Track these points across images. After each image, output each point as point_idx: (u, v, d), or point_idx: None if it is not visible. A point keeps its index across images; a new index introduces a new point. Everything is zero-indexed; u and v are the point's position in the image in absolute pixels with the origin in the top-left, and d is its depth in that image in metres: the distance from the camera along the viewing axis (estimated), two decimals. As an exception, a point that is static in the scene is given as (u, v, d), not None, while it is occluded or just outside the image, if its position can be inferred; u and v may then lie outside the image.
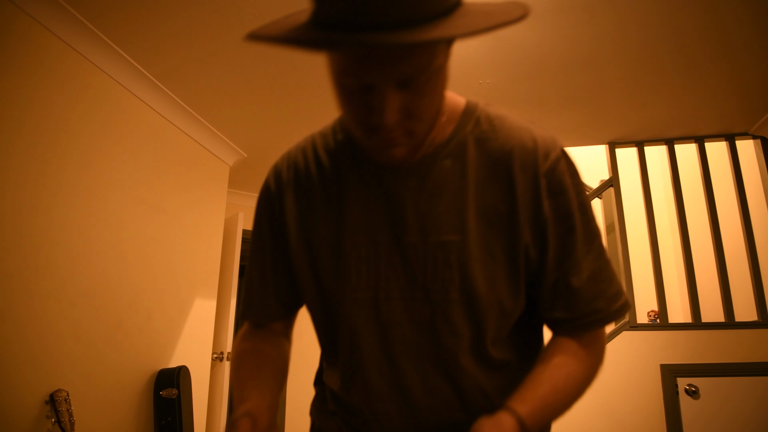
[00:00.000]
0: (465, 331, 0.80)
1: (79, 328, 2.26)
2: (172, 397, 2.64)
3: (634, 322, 3.31)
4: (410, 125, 0.71)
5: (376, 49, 0.62)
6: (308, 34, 0.62)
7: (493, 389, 0.84)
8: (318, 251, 0.85)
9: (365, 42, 0.58)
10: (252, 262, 0.93)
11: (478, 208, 0.79)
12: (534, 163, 0.79)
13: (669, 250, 4.61)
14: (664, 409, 3.14)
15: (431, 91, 0.70)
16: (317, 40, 0.62)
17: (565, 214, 0.80)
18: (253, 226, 0.94)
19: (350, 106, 0.71)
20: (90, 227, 2.34)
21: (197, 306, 3.11)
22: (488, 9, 0.65)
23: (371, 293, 0.81)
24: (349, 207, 0.82)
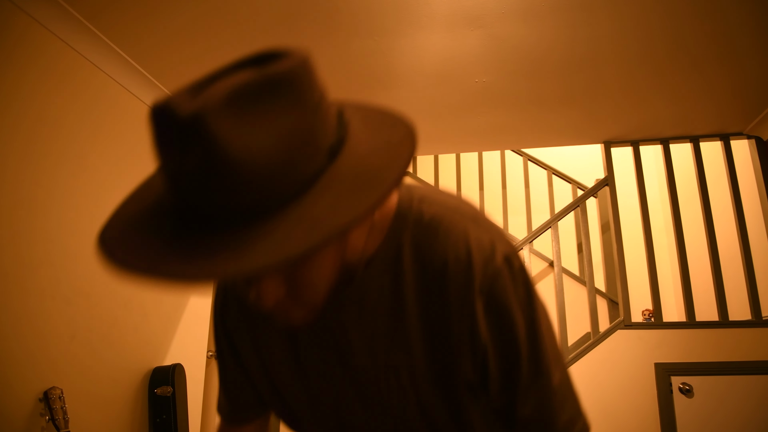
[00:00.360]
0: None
1: (74, 326, 2.25)
2: (167, 394, 2.64)
3: (629, 321, 3.33)
4: (299, 297, 0.62)
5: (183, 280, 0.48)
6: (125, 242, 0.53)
7: None
8: (275, 370, 0.81)
9: (164, 273, 0.48)
10: (217, 363, 0.91)
11: (421, 325, 0.70)
12: (469, 280, 0.67)
13: (664, 250, 4.63)
14: (658, 407, 3.16)
15: (318, 264, 0.60)
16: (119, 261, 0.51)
17: (507, 340, 0.69)
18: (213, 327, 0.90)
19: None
20: (86, 225, 2.33)
21: (192, 304, 3.10)
22: (365, 167, 0.53)
23: (334, 411, 0.78)
24: (300, 334, 0.77)
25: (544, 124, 3.41)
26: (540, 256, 4.32)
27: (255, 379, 0.84)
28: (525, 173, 4.65)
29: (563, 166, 4.85)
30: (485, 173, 4.93)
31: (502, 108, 3.16)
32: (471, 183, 4.95)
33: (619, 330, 3.32)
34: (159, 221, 0.54)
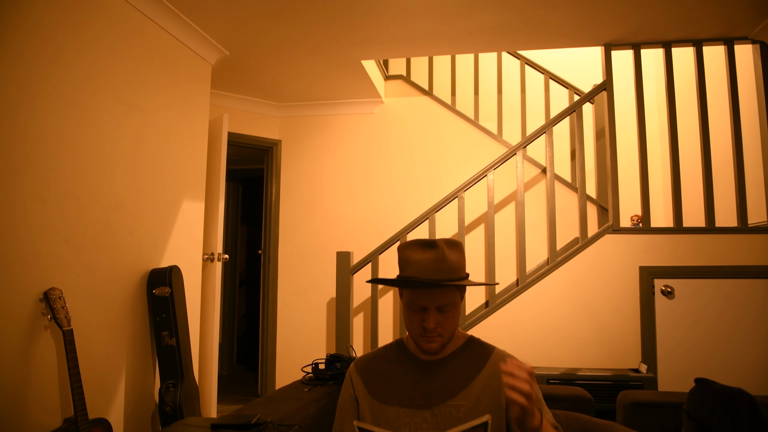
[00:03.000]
0: None
1: (67, 229, 2.26)
2: (165, 295, 2.71)
3: (617, 226, 3.39)
4: (440, 331, 1.37)
5: (430, 288, 1.34)
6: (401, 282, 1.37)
7: None
8: (379, 411, 1.41)
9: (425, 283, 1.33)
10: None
11: (475, 386, 1.39)
12: (498, 365, 1.37)
13: (657, 158, 4.63)
14: (640, 308, 3.30)
15: (452, 316, 1.38)
16: (407, 282, 1.36)
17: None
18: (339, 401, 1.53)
19: (412, 320, 1.38)
20: (70, 128, 2.27)
21: (185, 208, 3.11)
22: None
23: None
24: (401, 384, 1.43)
25: (543, 24, 3.26)
26: (533, 162, 4.31)
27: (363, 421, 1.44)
28: (522, 77, 4.53)
29: (561, 71, 4.72)
30: (481, 77, 4.80)
31: (500, 5, 3.01)
32: (466, 86, 4.83)
33: (607, 234, 3.39)
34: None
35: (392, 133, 4.62)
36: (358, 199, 4.61)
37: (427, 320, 1.34)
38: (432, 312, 1.34)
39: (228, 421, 1.41)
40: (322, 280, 4.50)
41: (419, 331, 1.37)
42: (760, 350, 3.16)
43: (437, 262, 1.34)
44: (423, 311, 1.35)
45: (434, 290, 1.33)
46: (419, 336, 1.38)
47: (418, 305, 1.34)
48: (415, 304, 1.35)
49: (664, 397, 1.90)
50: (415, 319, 1.37)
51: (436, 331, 1.35)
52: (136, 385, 2.68)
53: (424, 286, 1.33)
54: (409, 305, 1.37)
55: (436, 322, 1.34)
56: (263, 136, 4.68)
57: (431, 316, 1.34)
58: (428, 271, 1.33)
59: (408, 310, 1.38)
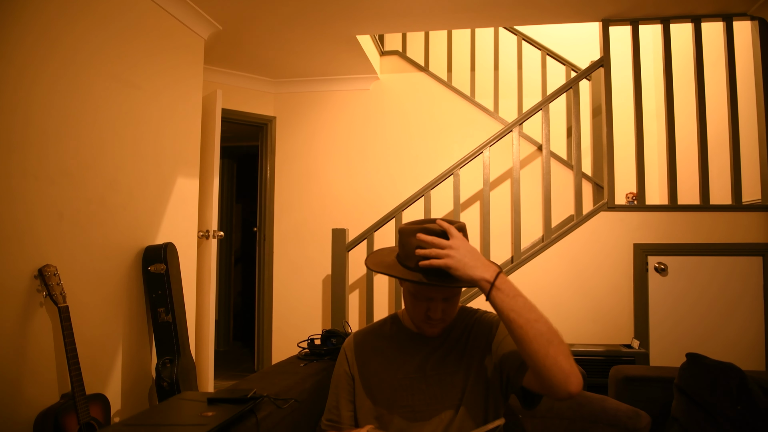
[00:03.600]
0: (466, 427, 1.34)
1: (61, 206, 2.25)
2: (161, 272, 2.71)
3: (612, 203, 3.39)
4: (444, 318, 1.36)
5: (439, 287, 1.30)
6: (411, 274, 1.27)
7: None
8: (375, 385, 1.43)
9: (436, 284, 1.26)
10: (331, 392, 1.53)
11: (467, 350, 1.40)
12: (489, 322, 1.44)
13: (653, 136, 4.62)
14: (633, 285, 3.33)
15: (455, 303, 1.37)
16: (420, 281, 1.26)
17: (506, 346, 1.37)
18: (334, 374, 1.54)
19: (417, 308, 1.36)
20: (61, 104, 2.24)
21: (179, 185, 3.09)
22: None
23: (409, 408, 1.38)
24: (396, 358, 1.44)
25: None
26: (529, 139, 4.30)
27: (359, 396, 1.45)
28: (519, 53, 4.49)
29: (558, 47, 4.67)
30: (477, 53, 4.75)
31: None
32: (463, 63, 4.78)
33: (602, 212, 3.40)
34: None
35: (388, 109, 4.59)
36: (353, 176, 4.59)
37: (434, 311, 1.32)
38: (438, 302, 1.32)
39: (224, 395, 1.42)
40: (318, 257, 4.51)
41: (423, 318, 1.35)
42: (752, 327, 3.20)
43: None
44: (429, 300, 1.33)
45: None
46: (423, 322, 1.37)
47: (424, 296, 1.32)
48: (421, 294, 1.32)
49: (656, 372, 1.93)
50: (419, 306, 1.34)
51: (440, 319, 1.35)
52: (133, 361, 2.69)
53: (435, 286, 1.28)
54: (415, 295, 1.34)
55: (441, 311, 1.33)
56: (258, 112, 4.63)
57: (438, 307, 1.32)
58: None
59: (412, 297, 1.35)
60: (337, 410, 1.47)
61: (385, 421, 1.39)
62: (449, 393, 1.38)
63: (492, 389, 1.39)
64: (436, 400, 1.38)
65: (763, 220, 3.21)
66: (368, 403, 1.43)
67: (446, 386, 1.38)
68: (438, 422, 1.37)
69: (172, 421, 1.31)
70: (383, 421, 1.40)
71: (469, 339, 1.43)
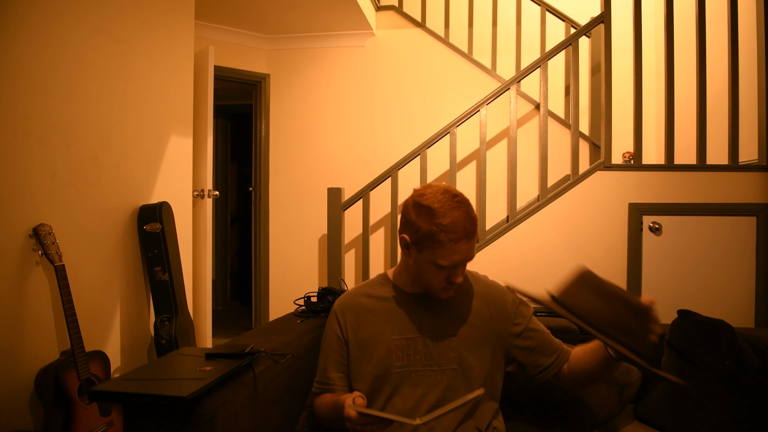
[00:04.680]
0: (462, 389, 1.38)
1: (53, 165, 2.22)
2: (156, 231, 2.71)
3: (609, 163, 3.38)
4: (459, 282, 1.38)
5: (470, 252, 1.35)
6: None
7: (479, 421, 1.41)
8: (370, 347, 1.44)
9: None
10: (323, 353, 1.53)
11: (468, 317, 1.45)
12: (503, 307, 1.49)
13: (652, 95, 4.57)
14: (627, 244, 3.35)
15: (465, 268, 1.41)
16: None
17: (522, 320, 1.51)
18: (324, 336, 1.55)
19: (437, 276, 1.36)
20: (49, 59, 2.19)
21: (173, 143, 3.05)
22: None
23: (406, 368, 1.40)
24: (391, 319, 1.45)
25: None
26: (526, 98, 4.25)
27: (354, 357, 1.46)
28: (517, 9, 4.39)
29: (558, 3, 4.56)
30: (475, 8, 4.64)
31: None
32: (460, 18, 4.67)
33: (598, 171, 3.39)
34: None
35: (384, 67, 4.51)
36: (349, 135, 4.55)
37: (457, 276, 1.35)
38: (460, 267, 1.35)
39: (222, 350, 1.44)
40: (314, 216, 4.51)
41: (444, 284, 1.37)
42: (743, 286, 3.24)
43: (469, 215, 1.33)
44: (453, 267, 1.34)
45: (467, 246, 1.32)
46: (441, 289, 1.38)
47: (453, 263, 1.32)
48: (450, 261, 1.31)
49: (647, 329, 1.96)
50: (440, 274, 1.35)
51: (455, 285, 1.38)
52: (131, 319, 2.72)
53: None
54: (442, 264, 1.32)
55: (462, 275, 1.37)
56: (251, 69, 4.55)
57: (460, 271, 1.36)
58: (469, 228, 1.31)
59: (434, 267, 1.34)
60: (326, 372, 1.49)
61: (381, 382, 1.41)
62: (446, 356, 1.40)
63: (493, 358, 1.43)
64: (432, 362, 1.40)
65: (759, 180, 3.21)
66: (364, 365, 1.44)
67: (443, 349, 1.40)
68: (433, 383, 1.39)
69: (171, 375, 1.33)
70: (379, 382, 1.41)
71: (473, 305, 1.46)
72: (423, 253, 1.35)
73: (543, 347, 1.47)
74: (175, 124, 3.08)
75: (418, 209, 1.34)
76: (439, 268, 1.33)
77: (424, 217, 1.32)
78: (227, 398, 1.26)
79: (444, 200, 1.31)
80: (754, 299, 3.22)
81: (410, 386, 1.39)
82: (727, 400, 1.61)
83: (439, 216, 1.30)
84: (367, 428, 1.18)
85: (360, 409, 1.18)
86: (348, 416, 1.19)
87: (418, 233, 1.33)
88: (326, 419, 1.45)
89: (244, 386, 1.34)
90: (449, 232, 1.29)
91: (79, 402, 2.08)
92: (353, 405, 1.20)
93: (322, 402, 1.46)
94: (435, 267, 1.34)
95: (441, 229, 1.29)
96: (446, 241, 1.29)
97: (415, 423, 1.09)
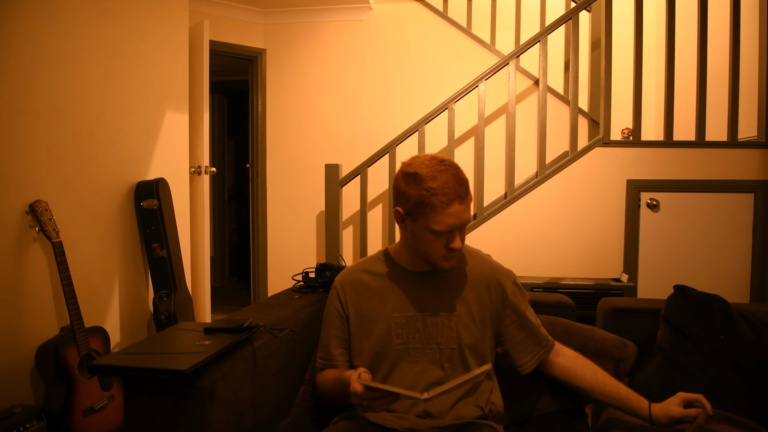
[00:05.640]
0: (460, 368, 1.41)
1: (48, 140, 2.20)
2: (153, 207, 2.70)
3: (607, 139, 3.37)
4: (458, 251, 1.36)
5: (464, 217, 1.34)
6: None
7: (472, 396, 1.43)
8: (370, 323, 1.45)
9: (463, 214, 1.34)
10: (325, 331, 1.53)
11: (467, 296, 1.44)
12: (503, 290, 1.47)
13: (652, 71, 4.52)
14: (625, 220, 3.35)
15: (464, 232, 1.37)
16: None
17: (522, 303, 1.49)
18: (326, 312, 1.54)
19: (435, 244, 1.34)
20: (41, 33, 2.15)
21: (169, 119, 3.03)
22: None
23: (404, 345, 1.41)
24: (391, 296, 1.45)
25: None
26: (525, 73, 4.20)
27: (354, 333, 1.47)
28: (517, -18, 4.32)
29: (559, -25, 4.48)
30: (475, -18, 4.56)
31: None
32: (459, -7, 4.60)
33: (597, 147, 3.38)
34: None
35: (381, 41, 4.45)
36: (346, 111, 4.51)
37: (455, 241, 1.32)
38: (458, 232, 1.33)
39: (221, 324, 1.44)
40: (312, 193, 4.50)
41: (443, 252, 1.34)
42: (740, 262, 3.26)
43: (458, 176, 1.32)
44: (450, 233, 1.32)
45: (461, 209, 1.30)
46: (441, 257, 1.36)
47: (449, 227, 1.30)
48: (445, 225, 1.29)
49: (643, 303, 1.97)
50: (438, 241, 1.33)
51: (460, 249, 1.35)
52: (130, 295, 2.73)
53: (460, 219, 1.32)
54: (437, 229, 1.30)
55: (461, 240, 1.34)
56: (247, 44, 4.49)
57: (458, 236, 1.33)
58: (459, 189, 1.29)
59: (430, 234, 1.32)
60: (328, 348, 1.49)
61: (381, 358, 1.41)
62: (445, 334, 1.40)
63: (486, 338, 1.43)
64: (431, 340, 1.40)
65: (757, 156, 3.21)
66: (364, 341, 1.44)
67: (442, 328, 1.40)
68: (432, 361, 1.40)
69: (170, 349, 1.34)
70: (378, 358, 1.42)
71: (474, 285, 1.45)
72: (418, 222, 1.33)
73: (530, 340, 1.46)
74: (170, 99, 3.05)
75: (407, 177, 1.32)
76: (436, 234, 1.31)
77: (413, 184, 1.31)
78: (226, 372, 1.27)
79: (431, 165, 1.31)
80: (750, 275, 3.24)
81: (409, 363, 1.40)
82: (722, 374, 1.62)
83: (427, 180, 1.29)
84: (373, 403, 1.18)
85: (367, 383, 1.17)
86: (354, 391, 1.19)
87: (409, 202, 1.32)
88: (329, 394, 1.46)
89: (243, 360, 1.35)
90: (439, 194, 1.27)
91: (80, 377, 2.09)
92: (359, 379, 1.20)
93: (325, 377, 1.47)
94: (431, 234, 1.32)
95: (431, 193, 1.28)
96: (437, 204, 1.28)
97: (422, 398, 1.08)
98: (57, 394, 2.04)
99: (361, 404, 1.19)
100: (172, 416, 1.20)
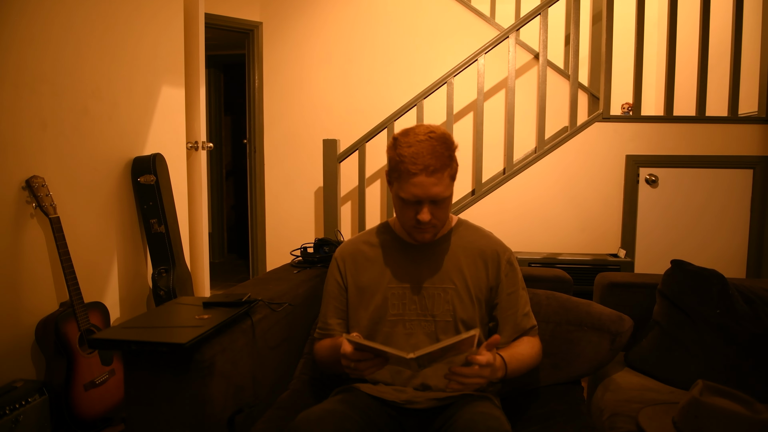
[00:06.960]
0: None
1: (43, 115, 2.18)
2: (151, 183, 2.69)
3: (607, 114, 3.35)
4: (434, 222, 1.35)
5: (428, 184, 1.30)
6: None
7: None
8: (368, 294, 1.45)
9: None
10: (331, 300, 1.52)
11: (464, 270, 1.43)
12: (499, 265, 1.45)
13: (653, 46, 4.47)
14: (623, 196, 3.35)
15: (445, 207, 1.36)
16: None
17: (511, 284, 1.47)
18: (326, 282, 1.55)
19: (405, 212, 1.35)
20: (34, 6, 2.11)
21: (165, 94, 2.99)
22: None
23: (400, 317, 1.42)
24: (388, 267, 1.46)
25: None
26: (525, 47, 4.15)
27: (352, 302, 1.48)
28: (518, -46, 4.24)
29: (560, -54, 4.40)
30: (475, -47, 4.48)
31: None
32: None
33: (596, 123, 3.36)
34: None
35: (380, 14, 4.38)
36: (345, 85, 4.47)
37: (422, 213, 1.31)
38: (426, 205, 1.31)
39: (220, 299, 1.45)
40: (310, 168, 4.48)
41: (413, 223, 1.35)
42: (737, 238, 3.27)
43: (435, 149, 1.28)
44: (417, 204, 1.31)
45: (428, 181, 1.27)
46: (412, 228, 1.36)
47: (413, 196, 1.29)
48: (409, 194, 1.29)
49: (640, 278, 1.98)
50: (408, 211, 1.34)
51: (430, 223, 1.33)
52: (129, 270, 2.73)
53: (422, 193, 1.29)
54: (402, 196, 1.32)
55: (430, 214, 1.32)
56: (243, 17, 4.42)
57: (426, 209, 1.31)
58: (429, 161, 1.27)
59: (400, 201, 1.34)
60: (326, 318, 1.50)
61: (377, 329, 1.43)
62: (441, 307, 1.41)
63: (478, 311, 1.44)
64: (427, 312, 1.41)
65: (757, 132, 3.19)
66: (361, 311, 1.45)
67: (438, 300, 1.41)
68: (426, 333, 1.40)
69: (170, 323, 1.34)
70: (374, 329, 1.43)
71: (471, 258, 1.45)
72: (393, 187, 1.36)
73: (508, 323, 1.45)
74: (166, 73, 3.01)
75: (393, 141, 1.35)
76: (402, 202, 1.33)
77: (392, 148, 1.33)
78: (225, 345, 1.28)
79: (417, 133, 1.31)
80: (747, 250, 3.26)
81: (404, 334, 1.41)
82: (717, 348, 1.64)
83: (403, 146, 1.30)
84: (361, 365, 1.18)
85: (354, 339, 1.18)
86: (344, 352, 1.19)
87: (389, 165, 1.36)
88: (324, 363, 1.47)
89: (242, 334, 1.36)
90: (408, 162, 1.27)
91: (80, 351, 2.11)
92: (348, 336, 1.20)
93: (321, 346, 1.48)
94: (400, 201, 1.34)
95: (401, 159, 1.29)
96: (404, 171, 1.29)
97: (408, 357, 1.09)
98: (58, 368, 2.06)
99: (349, 366, 1.19)
100: (172, 389, 1.21)
